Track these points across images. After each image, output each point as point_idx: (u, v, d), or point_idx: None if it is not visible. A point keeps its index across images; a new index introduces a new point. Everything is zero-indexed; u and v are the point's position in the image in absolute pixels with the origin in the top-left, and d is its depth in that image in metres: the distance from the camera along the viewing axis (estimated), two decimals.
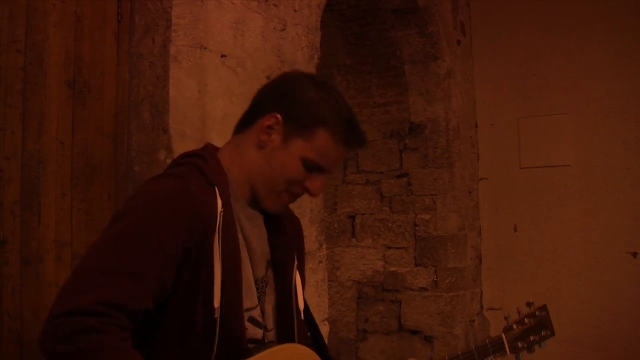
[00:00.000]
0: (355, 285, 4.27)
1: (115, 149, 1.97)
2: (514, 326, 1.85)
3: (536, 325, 1.88)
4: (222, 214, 1.25)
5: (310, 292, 2.51)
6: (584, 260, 4.13)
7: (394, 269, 4.16)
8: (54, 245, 1.75)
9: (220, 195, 1.27)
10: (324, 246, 2.68)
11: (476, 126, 4.55)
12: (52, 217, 1.75)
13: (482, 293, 4.44)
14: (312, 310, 1.52)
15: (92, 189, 1.88)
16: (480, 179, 4.53)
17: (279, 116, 1.33)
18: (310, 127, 1.32)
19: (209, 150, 1.39)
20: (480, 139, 4.55)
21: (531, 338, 1.86)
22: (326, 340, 2.59)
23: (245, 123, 1.40)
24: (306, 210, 2.51)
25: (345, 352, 4.21)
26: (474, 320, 4.30)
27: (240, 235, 1.32)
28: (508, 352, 1.80)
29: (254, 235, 1.37)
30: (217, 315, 1.22)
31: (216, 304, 1.22)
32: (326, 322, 2.64)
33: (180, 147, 1.90)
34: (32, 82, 1.72)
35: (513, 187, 4.39)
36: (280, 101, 1.35)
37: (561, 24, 4.25)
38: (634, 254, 3.99)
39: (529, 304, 1.89)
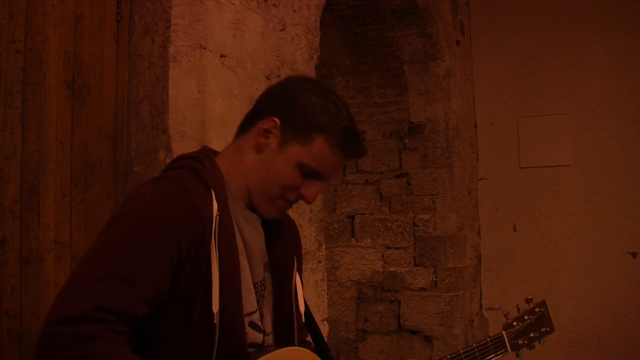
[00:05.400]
0: (355, 285, 4.27)
1: (115, 149, 1.97)
2: (514, 323, 1.87)
3: (536, 322, 1.89)
4: (218, 217, 1.24)
5: (309, 292, 2.51)
6: (584, 261, 4.13)
7: (394, 269, 4.16)
8: (54, 245, 1.75)
9: (216, 198, 1.26)
10: (324, 246, 2.68)
11: (475, 126, 4.55)
12: (51, 217, 1.76)
13: (481, 293, 4.44)
14: (311, 310, 1.52)
15: (91, 189, 1.88)
16: (480, 179, 4.53)
17: (277, 120, 1.32)
18: (307, 133, 1.30)
19: (206, 153, 1.37)
20: (479, 138, 4.55)
21: (531, 335, 1.88)
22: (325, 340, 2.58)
23: (245, 125, 1.39)
24: (305, 210, 2.52)
25: (344, 352, 4.21)
26: (473, 320, 4.30)
27: (239, 239, 1.31)
28: (509, 349, 1.82)
29: (253, 237, 1.35)
30: (216, 320, 1.20)
31: (214, 309, 1.20)
32: (325, 322, 2.64)
33: (180, 147, 1.90)
34: (31, 82, 1.72)
35: (512, 187, 4.39)
36: (280, 105, 1.34)
37: (561, 24, 4.25)
38: (634, 254, 3.99)
39: (528, 301, 1.91)
